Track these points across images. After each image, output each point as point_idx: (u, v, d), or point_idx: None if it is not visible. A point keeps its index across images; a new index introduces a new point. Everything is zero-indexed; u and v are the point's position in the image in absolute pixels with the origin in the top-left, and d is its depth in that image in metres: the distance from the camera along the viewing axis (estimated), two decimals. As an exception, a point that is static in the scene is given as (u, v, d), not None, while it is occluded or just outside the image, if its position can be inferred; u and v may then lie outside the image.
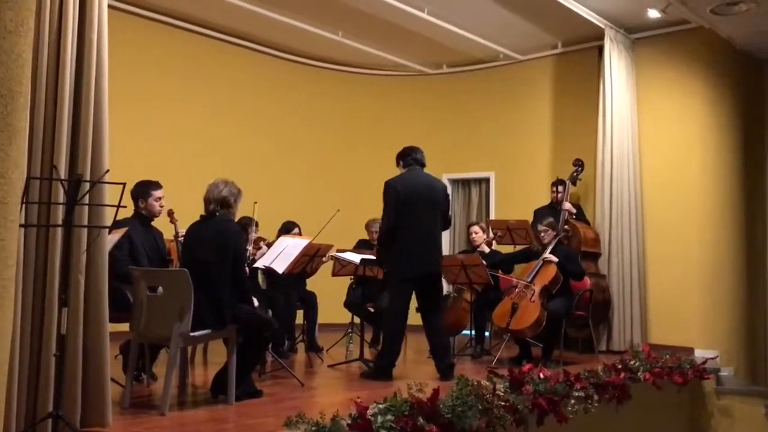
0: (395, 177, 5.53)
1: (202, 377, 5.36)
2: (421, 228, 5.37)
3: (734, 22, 7.23)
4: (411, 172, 5.53)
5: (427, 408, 3.67)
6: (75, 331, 3.30)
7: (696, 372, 6.37)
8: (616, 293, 7.37)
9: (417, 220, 5.35)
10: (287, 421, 3.36)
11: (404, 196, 5.34)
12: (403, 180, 5.46)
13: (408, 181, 5.44)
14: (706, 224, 7.63)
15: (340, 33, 8.48)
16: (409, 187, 5.40)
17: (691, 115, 7.72)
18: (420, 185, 5.46)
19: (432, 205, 5.46)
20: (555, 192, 7.74)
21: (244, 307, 4.43)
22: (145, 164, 6.56)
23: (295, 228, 6.80)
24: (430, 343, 5.52)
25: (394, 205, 5.34)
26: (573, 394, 4.81)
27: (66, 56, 3.32)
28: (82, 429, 3.26)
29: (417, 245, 5.35)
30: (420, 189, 5.43)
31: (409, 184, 5.42)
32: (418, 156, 5.59)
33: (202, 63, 8.36)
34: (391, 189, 5.39)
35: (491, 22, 8.04)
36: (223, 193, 4.46)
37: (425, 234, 5.39)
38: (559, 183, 7.76)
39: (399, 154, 5.66)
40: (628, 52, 7.89)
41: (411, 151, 5.61)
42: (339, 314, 7.25)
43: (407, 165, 5.57)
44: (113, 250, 4.31)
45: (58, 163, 3.26)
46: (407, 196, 5.36)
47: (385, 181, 5.47)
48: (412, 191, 5.39)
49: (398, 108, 9.74)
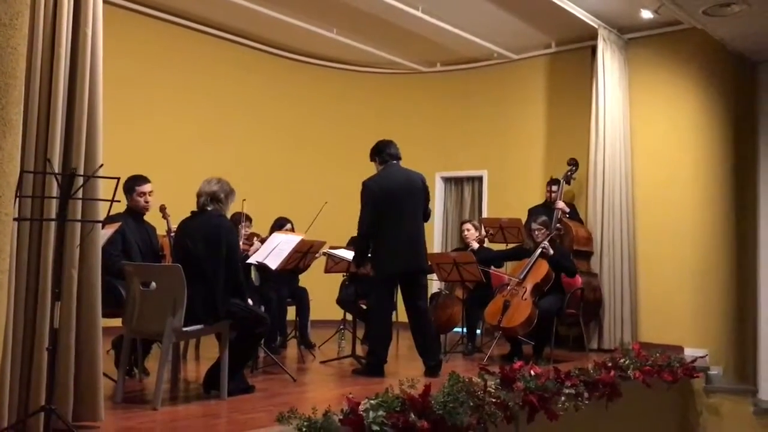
0: (372, 177, 5.46)
1: (194, 372, 5.37)
2: (402, 226, 5.34)
3: (727, 23, 7.26)
4: (388, 170, 5.45)
5: (419, 404, 3.68)
6: (68, 326, 3.30)
7: (685, 370, 6.42)
8: (608, 292, 7.41)
9: (398, 218, 5.33)
10: (279, 416, 3.37)
11: (382, 196, 5.29)
12: (380, 179, 5.40)
13: (386, 180, 5.38)
14: (697, 224, 7.67)
15: (334, 30, 8.48)
16: (388, 185, 5.34)
17: (683, 115, 7.77)
18: (399, 182, 5.39)
19: (413, 201, 5.41)
20: (549, 191, 7.78)
21: (236, 303, 4.44)
22: (139, 159, 6.55)
23: (287, 224, 6.81)
24: (414, 340, 5.48)
25: (371, 206, 5.28)
26: (563, 391, 4.84)
27: (60, 50, 3.32)
28: (74, 423, 3.26)
29: (399, 243, 5.33)
30: (399, 186, 5.37)
31: (387, 182, 5.36)
32: (392, 150, 5.49)
33: (197, 60, 8.35)
34: (367, 190, 5.32)
35: (485, 21, 8.06)
36: (214, 188, 4.48)
37: (408, 231, 5.37)
38: (554, 182, 7.80)
39: (373, 150, 5.55)
40: (621, 53, 7.92)
41: (385, 146, 5.51)
42: (331, 311, 7.27)
43: (383, 161, 5.49)
44: (106, 245, 4.30)
45: (51, 157, 3.26)
46: (386, 195, 5.30)
47: (362, 182, 5.40)
48: (391, 190, 5.33)
49: (392, 106, 9.75)
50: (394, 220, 5.32)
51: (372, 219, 5.29)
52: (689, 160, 7.72)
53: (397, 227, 5.33)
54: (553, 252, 6.30)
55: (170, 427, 3.62)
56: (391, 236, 5.32)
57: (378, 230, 5.33)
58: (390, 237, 5.32)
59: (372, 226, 5.31)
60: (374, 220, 5.29)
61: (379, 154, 5.52)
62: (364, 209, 5.33)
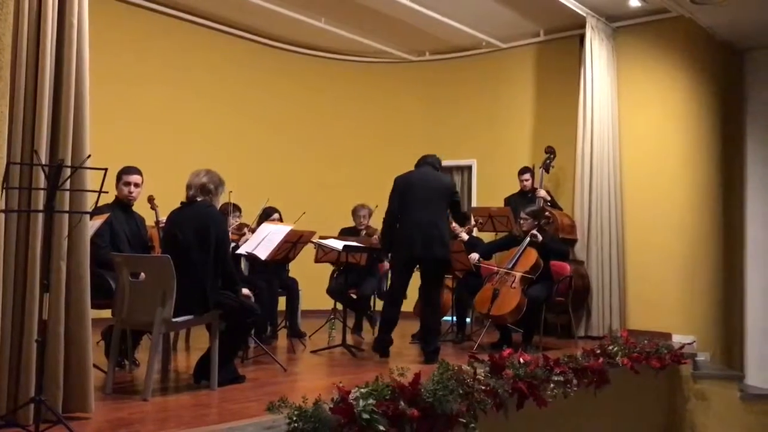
0: (402, 174, 5.90)
1: (184, 363, 5.37)
2: (417, 216, 5.62)
3: (714, 11, 7.29)
4: (417, 168, 5.95)
5: (409, 392, 3.70)
6: (57, 317, 3.29)
7: (673, 357, 6.47)
8: (596, 280, 7.46)
9: (412, 207, 5.65)
10: (270, 405, 3.38)
11: (402, 188, 5.74)
12: (407, 174, 5.87)
13: (410, 175, 5.86)
14: (685, 211, 7.72)
15: (322, 19, 8.45)
16: (409, 178, 5.81)
17: (671, 103, 7.80)
18: (420, 177, 5.84)
19: (429, 194, 5.72)
20: (524, 180, 7.84)
21: (227, 293, 4.44)
22: (127, 150, 6.52)
23: (275, 213, 6.79)
24: (420, 323, 5.90)
25: (393, 195, 5.75)
26: (552, 378, 4.87)
27: (46, 40, 3.29)
28: (63, 414, 3.25)
29: (413, 231, 5.61)
30: (418, 179, 5.80)
31: (410, 176, 5.84)
32: (428, 159, 6.01)
33: (184, 48, 8.31)
34: (396, 182, 5.83)
35: (474, 10, 8.06)
36: (204, 179, 4.46)
37: (418, 219, 5.63)
38: (527, 170, 7.86)
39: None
40: (609, 41, 7.94)
41: (424, 157, 6.06)
42: (321, 301, 7.28)
43: (417, 166, 5.99)
44: (94, 236, 4.29)
45: (38, 148, 3.24)
46: (405, 187, 5.74)
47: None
48: (410, 181, 5.77)
49: (381, 95, 9.74)
50: (407, 210, 5.68)
51: (392, 207, 5.74)
52: (677, 148, 7.76)
53: (407, 216, 5.68)
54: (541, 238, 6.32)
55: (161, 417, 3.62)
56: (403, 223, 5.70)
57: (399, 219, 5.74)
58: (402, 224, 5.71)
59: (391, 214, 5.74)
60: (395, 208, 5.71)
61: (418, 162, 6.04)
62: (390, 199, 5.79)
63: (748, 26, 7.74)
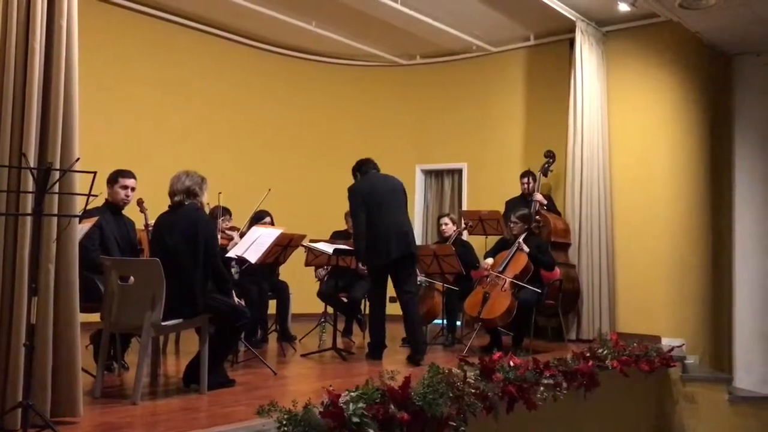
0: (356, 183, 5.97)
1: (174, 367, 5.35)
2: (384, 218, 5.72)
3: (702, 16, 7.34)
4: (368, 175, 5.97)
5: (399, 395, 3.70)
6: (45, 321, 3.27)
7: (662, 360, 6.50)
8: (586, 283, 7.48)
9: (380, 212, 5.72)
10: (260, 409, 3.36)
11: (368, 194, 5.77)
12: (363, 182, 5.92)
13: (368, 182, 5.91)
14: (674, 215, 7.76)
15: (313, 23, 8.45)
16: (370, 186, 5.86)
17: (661, 107, 7.84)
18: (379, 182, 5.91)
19: (394, 197, 5.86)
20: (524, 183, 7.85)
21: (216, 297, 4.43)
22: (116, 153, 6.51)
23: (266, 217, 6.78)
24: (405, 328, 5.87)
25: (361, 206, 5.75)
26: (542, 381, 4.88)
27: (35, 43, 3.28)
28: (52, 419, 3.23)
29: (382, 234, 5.68)
30: (380, 185, 5.88)
31: (369, 184, 5.89)
32: (371, 165, 6.05)
33: (175, 53, 8.29)
34: (354, 192, 5.83)
35: (465, 14, 8.08)
36: (186, 183, 4.44)
37: (390, 222, 5.72)
38: (528, 174, 7.87)
39: (354, 168, 6.10)
40: (599, 45, 7.98)
41: (364, 163, 6.07)
42: (312, 304, 7.26)
43: (364, 173, 6.00)
44: (83, 239, 4.27)
45: (27, 151, 3.22)
46: (370, 193, 5.78)
47: (348, 188, 5.90)
48: (373, 188, 5.83)
49: (372, 98, 9.74)
50: (377, 214, 5.71)
51: (360, 219, 5.74)
52: (666, 152, 7.80)
53: (379, 220, 5.70)
54: (528, 250, 6.35)
55: (150, 421, 3.60)
56: (374, 229, 5.69)
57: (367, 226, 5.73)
58: (373, 230, 5.69)
59: (361, 225, 5.73)
60: (363, 220, 5.73)
61: (359, 169, 6.05)
62: (356, 210, 5.79)
63: (736, 31, 7.80)
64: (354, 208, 5.82)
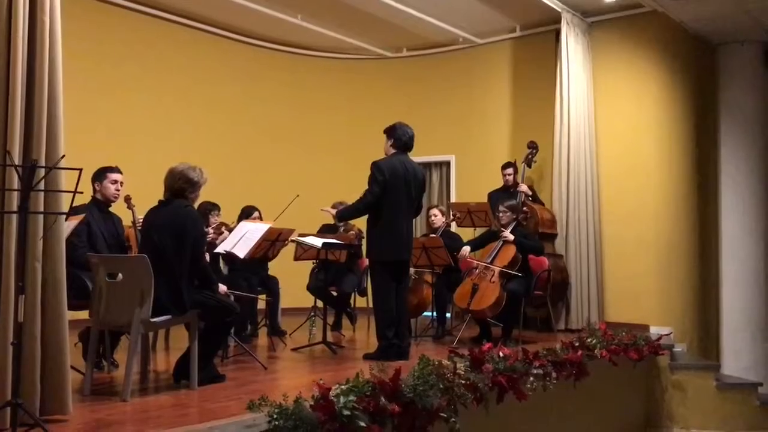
0: (384, 159, 5.54)
1: (164, 363, 5.33)
2: (403, 215, 5.50)
3: (686, 6, 7.37)
4: (399, 157, 5.55)
5: (389, 388, 3.71)
6: (33, 319, 3.25)
7: (651, 348, 6.56)
8: (574, 273, 7.52)
9: (401, 207, 5.47)
10: (250, 404, 3.37)
11: (391, 180, 5.41)
12: (391, 164, 5.48)
13: (395, 168, 5.47)
14: (661, 205, 7.81)
15: (299, 16, 8.42)
16: (396, 174, 5.44)
17: (646, 97, 7.88)
18: (406, 172, 5.50)
19: (412, 195, 5.56)
20: (507, 174, 7.88)
21: (205, 293, 4.42)
22: (102, 150, 6.45)
23: (255, 212, 6.77)
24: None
25: (381, 185, 5.38)
26: (532, 371, 4.92)
27: (17, 39, 3.24)
28: (41, 417, 3.22)
29: (400, 232, 5.47)
30: (405, 176, 5.49)
31: (396, 171, 5.45)
32: (405, 139, 5.59)
33: (159, 48, 8.23)
34: (379, 169, 5.42)
35: (450, 6, 8.08)
36: (180, 183, 4.41)
37: (406, 222, 5.54)
38: (510, 165, 7.89)
39: (391, 129, 5.65)
40: (585, 36, 8.00)
41: (403, 133, 5.59)
42: (302, 298, 7.26)
43: (395, 147, 5.58)
44: (71, 236, 4.25)
45: (11, 149, 3.20)
46: (394, 181, 5.42)
47: (374, 161, 5.48)
48: (398, 178, 5.44)
49: (358, 92, 9.73)
50: (397, 209, 5.45)
51: (380, 194, 5.38)
52: (652, 142, 7.84)
53: (399, 216, 5.47)
54: (512, 237, 6.34)
55: (140, 418, 3.60)
56: (394, 225, 5.45)
57: (380, 214, 5.44)
58: (394, 225, 5.45)
59: (379, 199, 5.39)
60: (381, 197, 5.38)
61: (395, 137, 5.59)
62: (374, 183, 5.40)
63: (720, 21, 7.84)
64: (373, 182, 5.41)
